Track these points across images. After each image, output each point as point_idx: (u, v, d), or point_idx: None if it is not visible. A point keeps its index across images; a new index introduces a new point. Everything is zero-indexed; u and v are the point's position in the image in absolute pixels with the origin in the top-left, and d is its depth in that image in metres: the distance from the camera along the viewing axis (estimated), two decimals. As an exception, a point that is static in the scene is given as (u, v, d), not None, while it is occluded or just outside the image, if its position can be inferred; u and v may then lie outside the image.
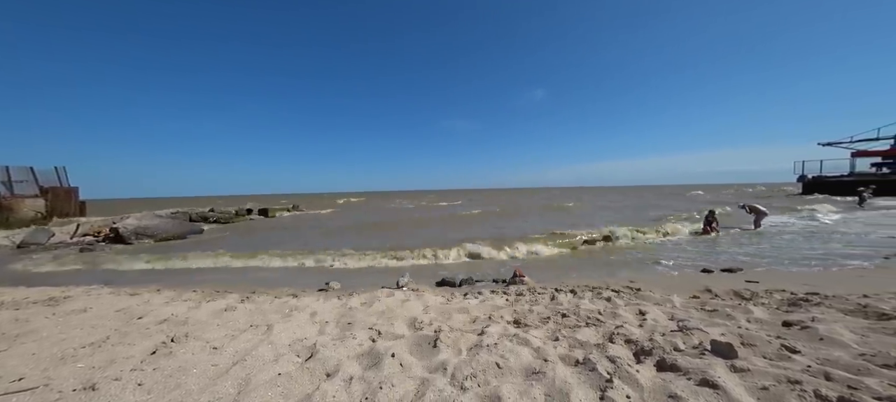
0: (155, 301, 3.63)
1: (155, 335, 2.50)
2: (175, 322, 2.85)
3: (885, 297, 2.89)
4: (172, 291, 4.39)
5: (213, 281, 5.59)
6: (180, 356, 2.10)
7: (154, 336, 2.47)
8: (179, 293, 4.18)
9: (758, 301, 3.24)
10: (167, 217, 13.01)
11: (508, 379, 1.72)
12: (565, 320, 2.79)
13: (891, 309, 2.41)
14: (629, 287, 4.20)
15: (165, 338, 2.40)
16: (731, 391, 1.44)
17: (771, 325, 2.38)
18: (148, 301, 3.63)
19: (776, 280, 4.43)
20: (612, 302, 3.36)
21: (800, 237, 8.04)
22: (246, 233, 12.96)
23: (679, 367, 1.73)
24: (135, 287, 4.68)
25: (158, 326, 2.75)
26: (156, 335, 2.50)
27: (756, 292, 3.66)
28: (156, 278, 5.85)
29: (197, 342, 2.37)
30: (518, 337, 2.26)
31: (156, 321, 2.86)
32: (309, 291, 4.65)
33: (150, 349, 2.23)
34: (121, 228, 10.09)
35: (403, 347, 2.16)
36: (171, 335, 2.48)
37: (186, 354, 2.15)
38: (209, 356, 2.15)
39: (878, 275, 4.43)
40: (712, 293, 3.84)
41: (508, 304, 3.43)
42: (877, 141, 27.59)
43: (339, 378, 1.78)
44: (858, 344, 1.87)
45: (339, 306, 3.41)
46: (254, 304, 3.56)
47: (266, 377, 1.83)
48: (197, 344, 2.33)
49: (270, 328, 2.63)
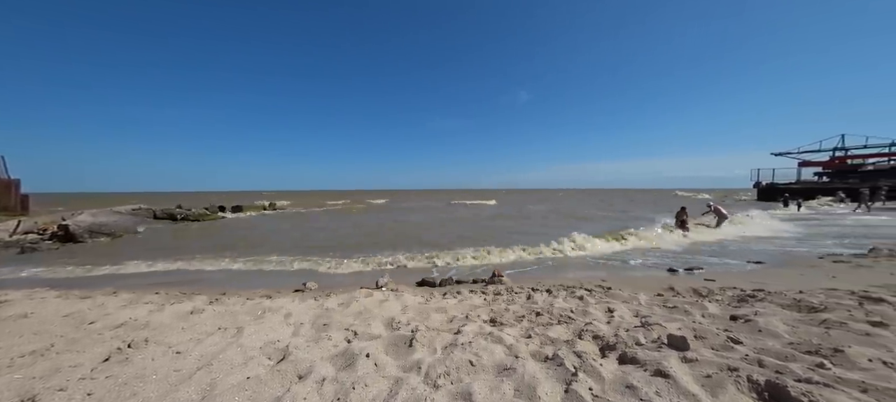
0: (110, 305, 3.38)
1: (109, 341, 2.33)
2: (133, 327, 2.67)
3: (816, 292, 3.25)
4: (131, 293, 4.09)
5: (179, 283, 5.26)
6: (138, 363, 1.98)
7: (108, 342, 2.31)
8: (139, 296, 3.90)
9: (712, 298, 3.52)
10: (127, 214, 12.06)
11: (480, 376, 1.78)
12: (539, 318, 2.90)
13: (818, 303, 2.72)
14: (601, 286, 4.41)
15: (121, 344, 2.25)
16: (679, 380, 1.57)
17: (721, 319, 2.61)
18: (102, 305, 3.37)
19: (731, 278, 4.82)
20: (585, 301, 3.52)
21: (751, 239, 8.79)
22: (216, 232, 12.27)
23: (638, 360, 1.86)
24: (87, 290, 4.32)
25: (114, 331, 2.56)
26: (110, 341, 2.33)
27: (712, 290, 3.98)
28: (112, 280, 5.42)
29: (158, 347, 2.24)
30: (492, 335, 2.32)
31: (111, 326, 2.66)
32: (284, 291, 4.50)
33: (102, 355, 2.08)
34: (72, 225, 9.23)
35: (379, 347, 2.16)
36: (127, 340, 2.32)
37: (145, 360, 2.03)
38: (171, 361, 2.04)
39: (812, 273, 4.95)
40: (675, 291, 4.12)
41: (486, 303, 3.51)
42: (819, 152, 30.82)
43: (311, 380, 1.76)
44: (789, 334, 2.09)
45: (315, 306, 3.34)
46: (223, 306, 3.40)
47: (233, 382, 1.77)
48: (158, 349, 2.20)
49: (240, 331, 2.53)
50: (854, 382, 1.48)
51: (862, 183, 24.06)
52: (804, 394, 1.35)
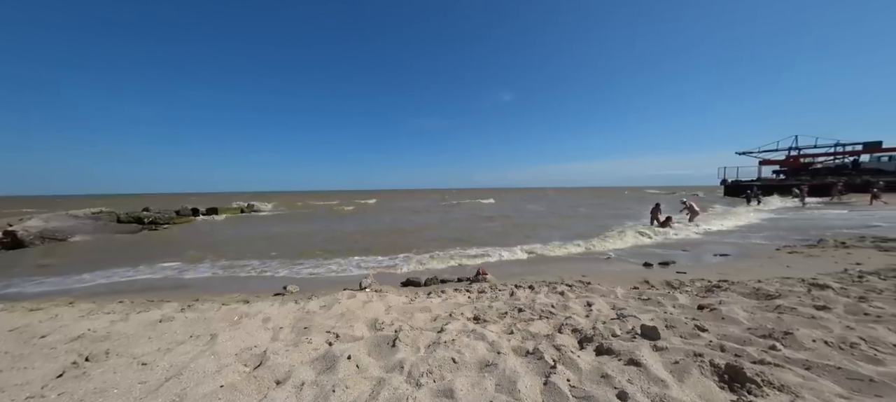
0: (66, 316, 3.12)
1: (63, 356, 2.15)
2: (92, 339, 2.48)
3: (773, 281, 3.53)
4: (90, 303, 3.80)
5: (146, 290, 4.94)
6: (97, 377, 1.84)
7: (62, 357, 2.13)
8: (100, 305, 3.63)
9: (683, 289, 3.73)
10: (87, 218, 11.15)
11: (463, 373, 1.79)
12: (521, 314, 2.96)
13: (774, 291, 2.95)
14: (581, 281, 4.56)
15: (77, 357, 2.09)
16: (650, 368, 1.66)
17: (690, 309, 2.77)
18: (56, 317, 3.10)
19: (699, 270, 5.13)
20: (565, 296, 3.63)
21: (719, 234, 9.40)
22: (190, 236, 11.61)
23: (613, 350, 1.94)
24: (38, 301, 3.96)
25: (69, 344, 2.37)
26: (65, 356, 2.15)
27: (683, 282, 4.22)
28: (69, 290, 5.00)
29: (120, 359, 2.09)
30: (476, 332, 2.35)
31: (66, 340, 2.46)
32: (263, 296, 4.33)
33: (55, 371, 1.92)
34: (20, 230, 8.43)
35: (361, 348, 2.13)
36: (85, 353, 2.16)
37: (106, 373, 1.89)
38: (136, 373, 1.91)
39: (770, 264, 5.37)
40: (649, 284, 4.34)
41: (470, 301, 3.54)
42: (776, 151, 33.46)
43: (289, 385, 1.71)
44: (747, 321, 2.27)
45: (296, 310, 3.24)
46: (196, 312, 3.23)
47: (205, 390, 1.68)
48: (120, 361, 2.06)
49: (214, 338, 2.41)
50: (800, 361, 1.63)
51: (812, 179, 26.38)
52: (758, 374, 1.46)
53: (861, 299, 2.71)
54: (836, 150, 30.62)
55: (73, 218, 10.36)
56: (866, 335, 1.96)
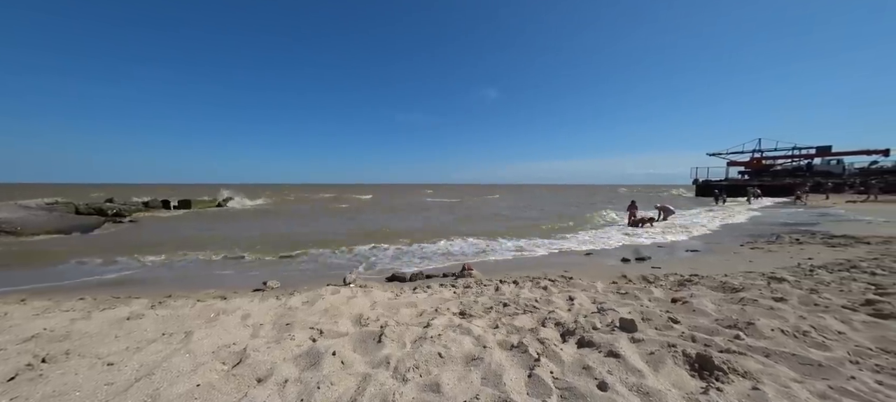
0: (17, 315, 2.86)
1: (15, 358, 1.97)
2: (49, 339, 2.29)
3: (737, 275, 3.80)
4: (46, 300, 3.51)
5: (111, 286, 4.62)
6: (56, 379, 1.71)
7: (14, 359, 1.96)
8: (57, 303, 3.36)
9: (658, 284, 3.94)
10: (38, 208, 10.22)
11: (449, 367, 1.81)
12: (506, 308, 3.02)
13: (738, 284, 3.18)
14: (563, 276, 4.71)
15: (32, 359, 1.92)
16: (628, 359, 1.75)
17: (664, 302, 2.93)
18: (5, 316, 2.84)
19: (673, 265, 5.43)
20: (548, 290, 3.74)
21: (690, 231, 9.98)
22: (159, 229, 10.94)
23: (594, 343, 2.03)
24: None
25: (22, 345, 2.18)
26: (17, 357, 1.98)
27: (658, 276, 4.45)
28: (16, 286, 4.59)
29: (83, 360, 1.95)
30: (462, 327, 2.37)
31: (18, 340, 2.26)
32: (242, 291, 4.16)
33: (6, 374, 1.76)
34: (-39, 220, 7.61)
35: (346, 344, 2.10)
36: (41, 354, 1.99)
37: (66, 375, 1.76)
38: (102, 373, 1.79)
39: (735, 258, 5.77)
40: (627, 279, 4.55)
41: (456, 296, 3.57)
42: (742, 153, 35.82)
43: (271, 383, 1.66)
44: (715, 312, 2.43)
45: (277, 306, 3.14)
46: (168, 309, 3.06)
47: (180, 390, 1.60)
48: (83, 362, 1.92)
49: (189, 336, 2.30)
50: (760, 348, 1.77)
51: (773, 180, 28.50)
52: (724, 362, 1.58)
53: (812, 291, 2.97)
54: (793, 153, 33.18)
55: (24, 209, 9.46)
56: (816, 323, 2.16)
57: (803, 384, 1.52)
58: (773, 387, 1.49)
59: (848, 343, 1.89)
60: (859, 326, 2.13)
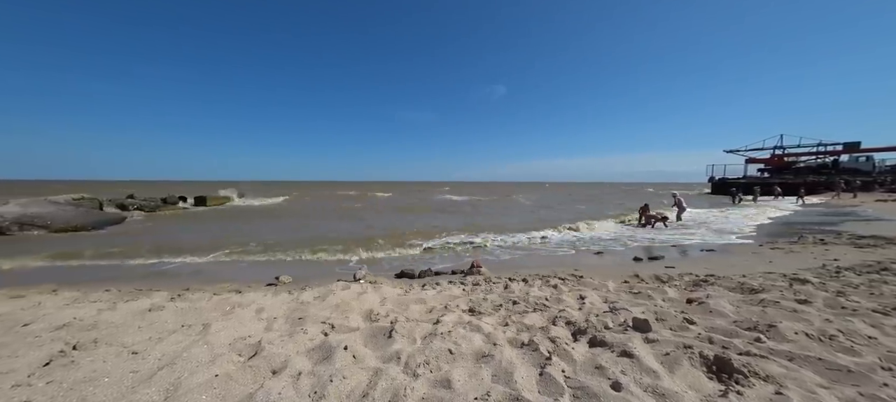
0: (49, 304, 3.02)
1: (49, 344, 2.09)
2: (79, 327, 2.41)
3: (756, 276, 3.66)
4: (75, 291, 3.69)
5: (132, 278, 4.82)
6: (86, 366, 1.80)
7: (48, 345, 2.07)
8: (85, 293, 3.53)
9: (672, 283, 3.84)
10: (66, 204, 10.74)
11: (460, 364, 1.81)
12: (516, 306, 3.00)
13: (758, 285, 3.07)
14: (574, 275, 4.64)
15: (64, 346, 2.03)
16: (643, 359, 1.71)
17: (679, 302, 2.86)
18: (39, 305, 3.00)
19: (687, 265, 5.29)
20: (558, 289, 3.70)
21: (707, 229, 9.68)
22: (178, 224, 11.34)
23: (606, 342, 1.99)
24: (18, 288, 3.83)
25: (54, 333, 2.30)
26: (51, 344, 2.09)
27: (672, 276, 4.34)
28: (50, 277, 4.85)
29: (110, 348, 2.04)
30: (471, 324, 2.37)
31: (50, 328, 2.38)
32: (255, 286, 4.28)
33: (42, 359, 1.86)
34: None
35: (358, 339, 2.13)
36: (72, 341, 2.10)
37: (95, 362, 1.85)
38: (127, 362, 1.87)
39: (754, 259, 5.57)
40: (639, 278, 4.45)
41: (465, 293, 3.57)
42: (762, 150, 34.34)
43: (285, 375, 1.70)
44: (734, 314, 2.35)
45: (289, 300, 3.21)
46: (187, 302, 3.17)
47: (200, 380, 1.66)
48: (110, 350, 2.02)
49: (207, 328, 2.38)
50: (783, 352, 1.70)
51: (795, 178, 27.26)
52: (744, 366, 1.52)
53: (839, 294, 2.84)
54: (817, 149, 31.59)
55: (53, 204, 9.96)
56: (844, 327, 2.06)
57: (831, 390, 1.46)
58: (799, 393, 1.43)
59: (879, 349, 1.80)
60: (892, 331, 2.02)
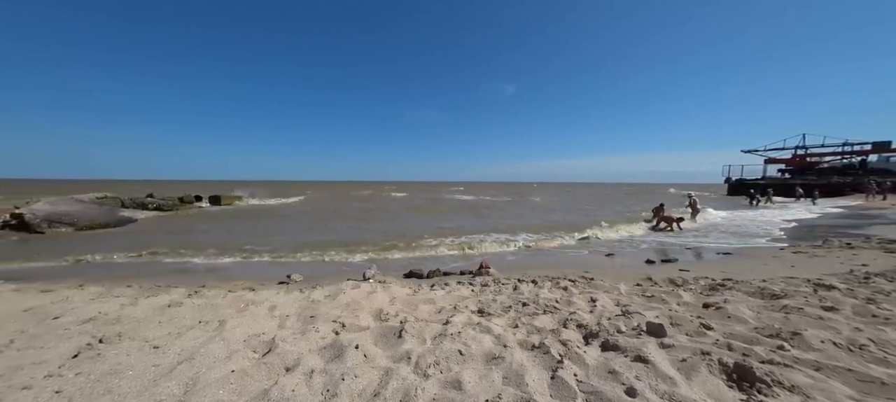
0: (76, 299, 3.17)
1: (77, 337, 2.19)
2: (104, 321, 2.52)
3: (777, 281, 3.52)
4: (100, 286, 3.86)
5: (153, 275, 5.00)
6: (111, 359, 1.88)
7: (76, 338, 2.17)
8: (109, 289, 3.68)
9: (687, 287, 3.73)
10: (91, 202, 11.23)
11: (470, 365, 1.81)
12: (525, 308, 2.98)
13: (779, 291, 2.94)
14: (584, 277, 4.57)
15: (91, 339, 2.12)
16: (658, 365, 1.67)
17: (694, 307, 2.77)
18: (67, 299, 3.15)
19: (703, 268, 5.12)
20: (568, 291, 3.65)
21: (724, 232, 9.37)
22: (194, 223, 11.70)
23: (619, 346, 1.95)
24: (48, 283, 4.03)
25: (82, 326, 2.41)
26: (78, 337, 2.19)
27: (686, 280, 4.22)
28: (77, 273, 5.08)
29: (133, 342, 2.13)
30: (481, 325, 2.36)
31: (78, 321, 2.50)
32: (268, 284, 4.38)
33: (70, 352, 1.96)
34: (27, 214, 8.51)
35: (368, 338, 2.15)
36: (98, 335, 2.19)
37: (119, 355, 1.93)
38: (149, 356, 1.95)
39: (774, 263, 5.35)
40: (652, 281, 4.34)
41: (473, 294, 3.56)
42: (782, 150, 32.95)
43: (299, 372, 1.73)
44: (754, 320, 2.27)
45: (301, 299, 3.27)
46: (203, 298, 3.27)
47: (217, 375, 1.71)
48: (133, 344, 2.10)
49: (223, 324, 2.45)
50: (809, 361, 1.63)
51: (818, 179, 26.06)
52: (767, 374, 1.47)
53: (869, 301, 2.70)
54: (843, 149, 30.10)
55: (79, 203, 10.43)
56: (875, 337, 1.96)
57: (861, 402, 1.39)
58: (826, 404, 1.37)
59: (915, 360, 1.70)
60: (928, 341, 1.91)
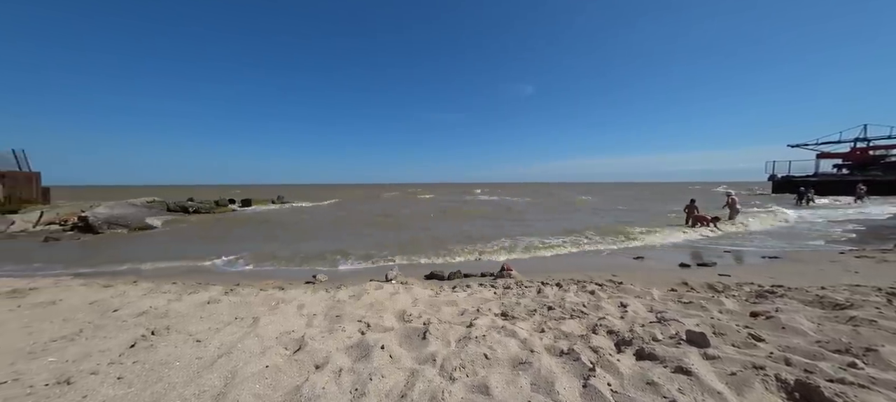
0: (131, 294, 3.48)
1: (133, 328, 2.40)
2: (154, 315, 2.75)
3: (840, 289, 3.15)
4: (150, 282, 4.22)
5: (194, 272, 5.40)
6: (162, 350, 2.04)
7: (132, 329, 2.38)
8: (158, 285, 4.02)
9: (729, 293, 3.44)
10: (143, 206, 12.38)
11: (496, 370, 1.77)
12: (551, 312, 2.88)
13: (844, 300, 2.62)
14: (612, 281, 4.36)
15: (145, 331, 2.32)
16: (703, 378, 1.54)
17: (740, 315, 2.54)
18: (124, 293, 3.48)
19: (746, 273, 4.71)
20: (596, 295, 3.49)
21: (766, 234, 8.56)
22: (228, 224, 12.53)
23: (656, 356, 1.83)
24: (108, 278, 4.47)
25: (137, 319, 2.64)
26: (134, 329, 2.40)
27: (728, 285, 3.89)
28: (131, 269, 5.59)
29: (179, 335, 2.30)
30: (505, 329, 2.31)
31: (133, 314, 2.75)
32: (296, 283, 4.57)
33: (128, 342, 2.15)
34: (91, 216, 9.52)
35: (393, 339, 2.18)
36: (151, 327, 2.39)
37: (168, 347, 2.09)
38: (193, 348, 2.09)
39: (832, 269, 4.80)
40: (689, 286, 4.05)
41: (496, 297, 3.50)
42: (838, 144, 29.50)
43: (328, 370, 1.78)
44: (815, 332, 2.03)
45: (327, 298, 3.38)
46: (238, 296, 3.47)
47: (253, 370, 1.80)
48: (179, 337, 2.27)
49: (256, 321, 2.58)
50: (890, 382, 1.43)
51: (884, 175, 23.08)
52: (838, 395, 1.30)
53: (958, 315, 2.33)
54: (917, 141, 26.45)
55: (132, 206, 11.53)
56: (970, 356, 1.68)
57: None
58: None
59: None
60: None
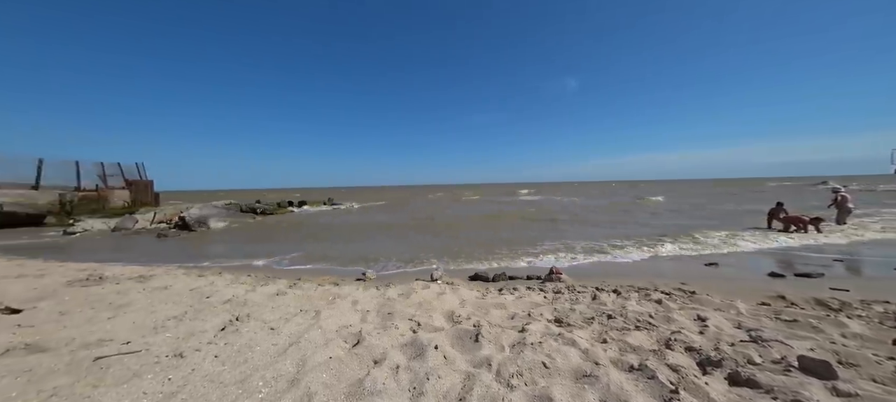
0: (218, 283, 4.06)
1: (222, 314, 2.78)
2: (237, 303, 3.15)
3: None
4: (231, 274, 4.87)
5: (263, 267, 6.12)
6: (245, 334, 2.32)
7: (221, 315, 2.76)
8: (236, 277, 4.62)
9: (852, 313, 2.78)
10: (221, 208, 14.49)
11: (557, 380, 1.65)
12: (611, 321, 2.62)
13: None
14: (682, 290, 3.83)
15: (231, 317, 2.67)
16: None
17: (876, 342, 2.02)
18: (212, 283, 4.07)
19: (871, 289, 3.76)
20: (664, 305, 3.09)
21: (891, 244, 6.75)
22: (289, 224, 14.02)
23: (759, 383, 1.53)
24: (201, 269, 5.28)
25: (224, 305, 3.06)
26: (222, 314, 2.78)
27: (847, 303, 3.14)
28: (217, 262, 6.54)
29: (256, 323, 2.60)
30: (563, 337, 2.16)
31: (221, 301, 3.19)
32: (347, 279, 4.89)
33: (219, 325, 2.49)
34: (186, 216, 11.43)
35: (445, 339, 2.17)
36: (235, 314, 2.75)
37: (250, 332, 2.37)
38: (268, 335, 2.34)
39: None
40: (787, 301, 3.37)
41: (547, 301, 3.31)
42: None
43: (386, 366, 1.84)
44: None
45: (378, 296, 3.54)
46: (300, 290, 3.82)
47: (319, 359, 1.94)
48: (257, 324, 2.56)
49: (318, 314, 2.80)
50: None
51: None
52: None
53: None
54: None
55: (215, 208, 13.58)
56: None
57: None
58: None
59: None
60: None
